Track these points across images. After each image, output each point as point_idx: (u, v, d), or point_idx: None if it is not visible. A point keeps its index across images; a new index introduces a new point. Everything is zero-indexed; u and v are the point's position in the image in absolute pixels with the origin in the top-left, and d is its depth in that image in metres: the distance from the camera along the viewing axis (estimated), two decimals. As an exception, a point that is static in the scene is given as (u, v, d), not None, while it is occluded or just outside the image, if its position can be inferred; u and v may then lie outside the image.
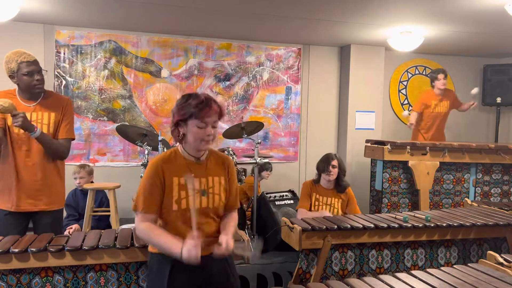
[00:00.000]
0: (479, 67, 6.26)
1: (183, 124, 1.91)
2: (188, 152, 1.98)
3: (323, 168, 3.66)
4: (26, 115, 2.60)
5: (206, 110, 1.87)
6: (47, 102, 2.74)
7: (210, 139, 1.92)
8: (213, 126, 1.92)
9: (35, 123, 2.65)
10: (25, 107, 2.67)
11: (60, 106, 2.78)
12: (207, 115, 1.88)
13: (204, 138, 1.91)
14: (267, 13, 4.28)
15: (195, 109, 1.86)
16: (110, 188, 3.81)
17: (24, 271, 2.14)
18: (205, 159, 2.02)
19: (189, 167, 1.96)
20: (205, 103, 1.87)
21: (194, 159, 1.99)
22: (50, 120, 2.73)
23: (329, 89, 5.89)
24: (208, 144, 1.94)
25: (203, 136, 1.90)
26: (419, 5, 3.90)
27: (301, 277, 2.75)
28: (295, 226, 2.70)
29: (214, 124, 1.92)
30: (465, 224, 2.92)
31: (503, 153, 4.60)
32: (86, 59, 5.04)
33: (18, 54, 2.61)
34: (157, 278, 1.95)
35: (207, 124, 1.89)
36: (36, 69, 2.65)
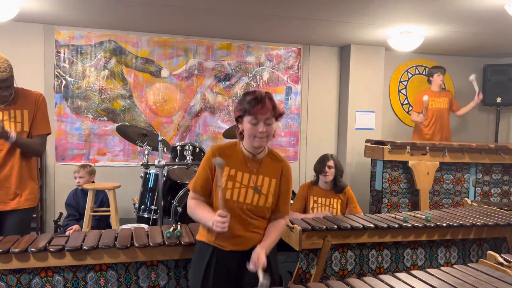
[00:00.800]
0: (479, 67, 6.25)
1: (241, 120, 1.96)
2: (246, 148, 2.02)
3: (319, 169, 3.67)
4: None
5: (259, 106, 1.89)
6: (18, 100, 2.70)
7: (263, 136, 1.93)
8: (266, 124, 1.92)
9: (7, 122, 2.62)
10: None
11: (32, 102, 2.74)
12: (260, 112, 1.90)
13: (256, 135, 1.92)
14: (267, 13, 4.28)
15: (248, 104, 1.90)
16: (110, 188, 3.81)
17: (24, 271, 2.14)
18: (262, 157, 2.05)
19: (245, 161, 2.01)
20: (259, 99, 1.90)
21: (251, 156, 2.02)
22: (24, 117, 2.69)
23: (329, 89, 5.89)
24: (261, 141, 1.95)
25: (255, 132, 1.92)
26: (419, 5, 3.90)
27: (301, 277, 2.75)
28: (295, 226, 2.70)
29: (267, 121, 1.93)
30: (465, 224, 2.92)
31: (503, 153, 4.60)
32: (86, 59, 5.04)
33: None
34: (197, 262, 2.04)
35: (259, 120, 1.91)
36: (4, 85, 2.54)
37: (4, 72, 2.50)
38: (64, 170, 4.95)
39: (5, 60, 2.53)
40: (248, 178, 2.00)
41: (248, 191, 1.99)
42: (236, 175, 2.00)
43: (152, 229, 2.51)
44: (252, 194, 2.00)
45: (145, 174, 4.15)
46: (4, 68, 2.51)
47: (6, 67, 2.52)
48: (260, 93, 1.93)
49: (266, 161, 2.06)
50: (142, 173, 4.16)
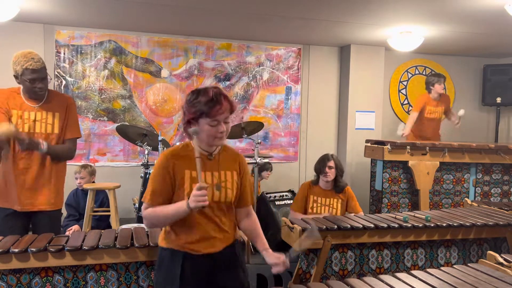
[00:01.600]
0: (479, 67, 6.26)
1: (195, 122, 1.88)
2: (200, 147, 1.94)
3: (319, 169, 3.66)
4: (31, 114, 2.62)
5: (217, 108, 1.83)
6: (50, 102, 2.73)
7: (223, 136, 1.91)
8: (225, 122, 1.89)
9: (39, 122, 2.65)
10: (29, 107, 2.67)
11: (64, 106, 2.77)
12: (218, 113, 1.84)
13: (217, 135, 1.88)
14: (267, 13, 4.28)
15: (205, 107, 1.83)
16: (110, 188, 3.81)
17: (24, 271, 2.14)
18: (217, 154, 2.00)
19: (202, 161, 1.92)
20: (216, 100, 1.83)
21: (207, 154, 1.97)
22: (55, 119, 2.72)
23: (329, 89, 5.89)
24: (221, 140, 1.92)
25: (215, 133, 1.87)
26: (419, 5, 3.90)
27: (301, 277, 2.75)
28: (295, 226, 2.70)
29: (226, 120, 1.89)
30: (465, 224, 2.92)
31: (503, 153, 4.60)
32: (86, 59, 5.04)
33: (26, 59, 2.56)
34: (168, 271, 1.94)
35: (219, 121, 1.86)
36: (40, 76, 2.60)
37: (38, 63, 2.58)
38: (64, 170, 4.94)
39: (37, 53, 2.63)
40: (211, 176, 1.94)
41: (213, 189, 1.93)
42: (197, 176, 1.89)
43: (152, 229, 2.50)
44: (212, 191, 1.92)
45: (145, 174, 4.15)
46: (38, 59, 2.59)
47: (40, 59, 2.61)
48: (215, 92, 1.84)
49: (223, 156, 2.01)
50: (142, 173, 4.16)
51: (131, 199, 4.55)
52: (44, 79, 2.64)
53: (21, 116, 2.65)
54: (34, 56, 2.59)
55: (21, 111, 2.66)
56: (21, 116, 2.65)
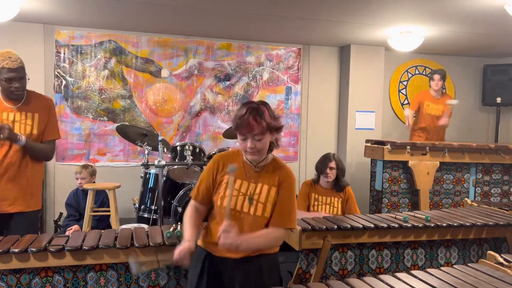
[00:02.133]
0: (479, 67, 6.26)
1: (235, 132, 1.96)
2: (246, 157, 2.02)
3: (320, 169, 3.66)
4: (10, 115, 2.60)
5: (243, 125, 1.88)
6: (30, 103, 2.71)
7: (253, 151, 1.92)
8: (255, 139, 1.90)
9: (18, 123, 2.63)
10: (7, 108, 2.65)
11: (45, 107, 2.76)
12: (245, 131, 1.89)
13: (247, 150, 1.93)
14: (267, 13, 4.28)
15: (235, 122, 1.91)
16: (110, 188, 3.81)
17: (24, 271, 2.14)
18: (265, 166, 2.03)
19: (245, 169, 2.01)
20: (244, 118, 1.87)
21: (252, 165, 2.01)
22: (34, 120, 2.70)
23: (329, 89, 5.89)
24: (252, 155, 1.95)
25: (245, 147, 1.93)
26: (419, 5, 3.90)
27: (301, 277, 2.75)
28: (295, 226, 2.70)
29: (256, 137, 1.89)
30: (465, 224, 2.92)
31: (503, 153, 4.60)
32: (86, 59, 5.04)
33: (3, 58, 2.53)
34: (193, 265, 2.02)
35: (247, 137, 1.91)
36: (17, 76, 2.56)
37: (15, 62, 2.55)
38: (64, 170, 4.95)
39: (15, 53, 2.60)
40: (247, 187, 1.97)
41: (246, 199, 1.96)
42: (234, 182, 1.97)
43: (152, 229, 2.51)
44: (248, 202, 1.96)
45: (145, 174, 4.15)
46: (15, 58, 2.56)
47: (17, 58, 2.58)
48: (247, 109, 1.88)
49: (267, 169, 2.02)
50: (142, 173, 4.16)
51: (131, 199, 4.55)
52: (22, 79, 2.61)
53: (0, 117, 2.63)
54: (12, 55, 2.56)
55: (0, 112, 2.64)
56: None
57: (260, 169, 2.02)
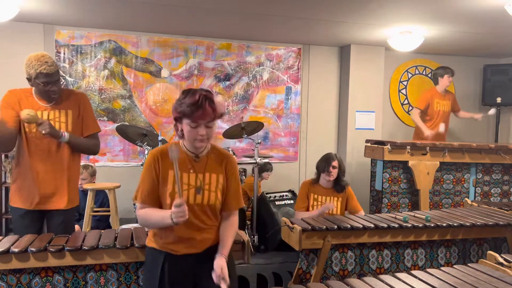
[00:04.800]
0: (479, 67, 6.26)
1: (180, 121, 1.91)
2: (187, 148, 1.97)
3: (323, 168, 3.66)
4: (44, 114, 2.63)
5: (199, 112, 1.83)
6: (63, 101, 2.73)
7: (203, 138, 1.90)
8: (206, 126, 1.88)
9: (52, 121, 2.65)
10: (41, 106, 2.67)
11: (77, 102, 2.76)
12: (199, 117, 1.84)
13: (197, 138, 1.89)
14: (267, 13, 4.28)
15: (187, 109, 1.84)
16: (110, 188, 3.82)
17: (24, 271, 2.14)
18: (205, 155, 2.00)
19: (189, 161, 1.96)
20: (198, 104, 1.83)
21: (193, 156, 1.98)
22: (68, 117, 2.71)
23: (329, 89, 5.89)
24: (202, 142, 1.91)
25: (195, 135, 1.88)
26: (419, 5, 3.90)
27: (301, 277, 2.75)
28: (295, 226, 2.70)
29: (208, 124, 1.88)
30: (465, 224, 2.92)
31: (503, 153, 4.60)
32: (86, 59, 5.04)
33: (40, 63, 2.54)
34: (150, 270, 1.99)
35: (199, 124, 1.86)
36: (53, 80, 2.60)
37: (52, 66, 2.58)
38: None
39: (50, 56, 2.63)
40: (195, 178, 1.95)
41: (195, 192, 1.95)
42: (181, 177, 1.93)
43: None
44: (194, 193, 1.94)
45: (145, 174, 4.14)
46: (51, 63, 2.59)
47: (53, 62, 2.61)
48: (200, 95, 1.84)
49: (210, 158, 2.01)
50: (142, 173, 4.15)
51: (131, 199, 4.54)
52: (57, 82, 2.64)
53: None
54: (48, 59, 2.57)
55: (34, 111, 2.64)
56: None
57: (203, 159, 1.99)
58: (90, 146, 2.81)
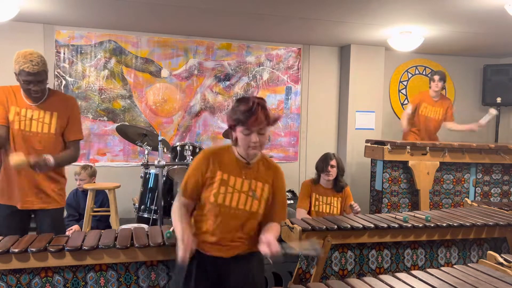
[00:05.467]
0: (479, 67, 6.26)
1: (234, 128, 1.94)
2: (239, 154, 2.00)
3: (322, 168, 3.67)
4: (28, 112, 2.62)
5: (252, 118, 1.86)
6: (50, 102, 2.71)
7: (256, 146, 1.92)
8: (259, 133, 1.91)
9: (35, 121, 2.64)
10: (27, 105, 2.66)
11: (64, 106, 2.74)
12: (252, 124, 1.87)
13: (250, 145, 1.91)
14: (267, 13, 4.28)
15: (241, 116, 1.87)
16: (110, 188, 3.81)
17: (24, 271, 2.14)
18: (256, 163, 2.03)
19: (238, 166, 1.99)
20: (252, 111, 1.86)
21: (244, 161, 2.00)
22: (52, 119, 2.69)
23: (329, 89, 5.88)
24: (255, 150, 1.94)
25: (248, 143, 1.91)
26: (419, 5, 3.90)
27: (301, 277, 2.75)
28: (295, 226, 2.70)
29: (260, 131, 1.90)
30: (465, 224, 2.92)
31: (503, 153, 4.60)
32: (86, 59, 5.04)
33: (25, 60, 2.50)
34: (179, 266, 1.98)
35: (252, 131, 1.89)
36: (36, 79, 2.54)
37: (36, 66, 2.51)
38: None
39: (39, 55, 2.55)
40: (241, 183, 1.98)
41: (241, 196, 1.96)
42: (229, 179, 1.96)
43: (152, 229, 2.51)
44: (245, 199, 1.97)
45: (145, 174, 4.15)
46: (37, 62, 2.51)
47: (39, 62, 2.52)
48: (253, 103, 1.88)
49: (259, 166, 2.04)
50: (142, 173, 4.16)
51: (131, 199, 4.54)
52: (41, 83, 2.59)
53: (18, 113, 2.64)
54: (34, 58, 2.50)
55: (19, 108, 2.64)
56: (18, 112, 2.64)
57: (252, 166, 2.02)
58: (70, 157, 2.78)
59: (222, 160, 1.99)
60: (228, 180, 1.96)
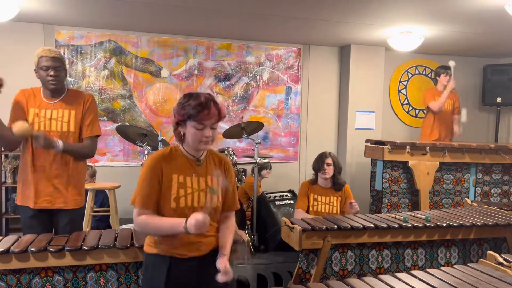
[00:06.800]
0: (479, 67, 6.26)
1: (183, 124, 1.91)
2: (188, 152, 1.98)
3: (318, 167, 3.67)
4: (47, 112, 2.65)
5: (205, 112, 1.85)
6: (68, 100, 2.72)
7: (208, 140, 1.91)
8: (211, 128, 1.90)
9: (55, 121, 2.65)
10: (46, 105, 2.67)
11: (80, 103, 2.75)
12: (205, 118, 1.86)
13: (202, 140, 1.90)
14: (267, 13, 4.28)
15: (193, 110, 1.85)
16: (110, 188, 3.82)
17: (24, 271, 2.14)
18: (205, 159, 2.02)
19: (190, 165, 1.97)
20: (204, 105, 1.85)
21: (195, 159, 1.99)
22: (70, 117, 2.70)
23: (329, 89, 5.89)
24: (206, 145, 1.93)
25: (201, 137, 1.89)
26: (419, 5, 3.90)
27: (301, 277, 2.75)
28: (295, 226, 2.70)
29: (212, 126, 1.90)
30: (465, 224, 2.92)
31: (503, 153, 4.60)
32: (86, 59, 5.04)
33: (43, 50, 2.63)
34: (153, 278, 1.96)
35: (205, 126, 1.88)
36: (53, 65, 2.61)
37: (53, 52, 2.65)
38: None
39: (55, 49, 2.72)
40: (197, 182, 1.96)
41: (200, 194, 1.95)
42: (185, 181, 1.94)
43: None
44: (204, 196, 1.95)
45: (145, 174, 4.14)
46: (54, 50, 2.68)
47: (56, 51, 2.70)
48: (205, 97, 1.87)
49: (209, 161, 2.03)
50: (142, 173, 4.15)
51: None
52: (58, 69, 2.63)
53: (38, 114, 2.65)
54: (51, 48, 2.68)
55: (38, 109, 2.66)
56: (37, 114, 2.65)
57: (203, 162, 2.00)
58: (85, 150, 2.76)
59: (172, 162, 1.95)
60: (185, 182, 1.93)
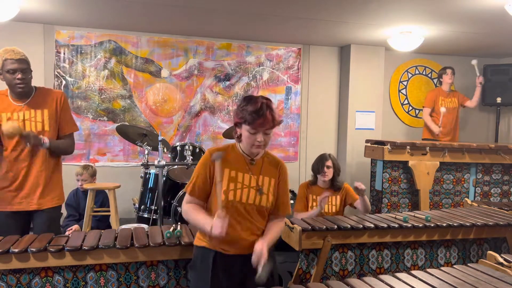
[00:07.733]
0: (479, 67, 6.24)
1: (240, 125, 1.99)
2: (243, 151, 2.06)
3: (317, 169, 3.68)
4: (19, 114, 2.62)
5: (260, 120, 1.91)
6: (38, 99, 2.70)
7: (260, 145, 1.98)
8: (265, 133, 1.96)
9: (28, 121, 2.63)
10: (17, 107, 2.65)
11: (53, 101, 2.73)
12: (260, 125, 1.92)
13: (255, 143, 1.97)
14: (267, 13, 4.28)
15: (249, 116, 1.92)
16: (110, 188, 3.81)
17: (24, 271, 2.14)
18: (260, 159, 2.09)
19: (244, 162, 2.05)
20: (260, 112, 1.91)
21: (249, 158, 2.06)
22: (44, 116, 2.68)
23: (329, 89, 5.89)
24: (258, 149, 2.01)
25: (253, 141, 1.97)
26: (419, 5, 3.90)
27: (301, 277, 2.75)
28: (295, 226, 2.70)
29: (266, 131, 1.96)
30: (465, 224, 2.91)
31: (503, 153, 4.60)
32: (86, 59, 5.04)
33: (6, 51, 2.57)
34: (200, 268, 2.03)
35: (258, 131, 1.94)
36: (20, 67, 2.57)
37: (18, 54, 2.58)
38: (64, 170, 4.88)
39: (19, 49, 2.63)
40: (249, 179, 2.04)
41: (250, 191, 2.02)
42: (237, 176, 2.02)
43: (152, 229, 2.51)
44: (255, 194, 2.03)
45: (145, 174, 4.15)
46: (19, 52, 2.60)
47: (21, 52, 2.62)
48: (262, 104, 1.93)
49: (264, 162, 2.10)
50: (142, 173, 4.16)
51: (131, 199, 4.54)
52: (25, 71, 2.60)
53: (10, 118, 2.63)
54: (15, 49, 2.60)
55: (10, 112, 2.63)
56: (9, 118, 2.62)
57: (257, 162, 2.08)
58: (67, 147, 2.80)
59: (228, 158, 2.03)
60: (236, 177, 2.02)
